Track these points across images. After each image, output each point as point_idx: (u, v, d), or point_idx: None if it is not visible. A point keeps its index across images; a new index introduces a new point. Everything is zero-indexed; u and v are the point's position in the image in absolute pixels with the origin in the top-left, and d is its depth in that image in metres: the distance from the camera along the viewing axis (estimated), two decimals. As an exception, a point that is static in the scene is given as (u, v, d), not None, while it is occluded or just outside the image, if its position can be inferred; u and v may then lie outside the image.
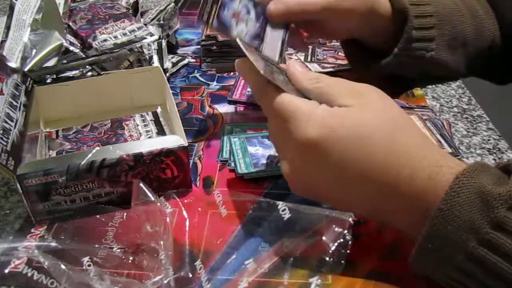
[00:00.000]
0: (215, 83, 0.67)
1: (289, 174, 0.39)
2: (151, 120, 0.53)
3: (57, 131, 0.52)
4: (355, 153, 0.35)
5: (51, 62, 0.60)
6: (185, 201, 0.45)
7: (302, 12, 0.50)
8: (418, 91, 0.64)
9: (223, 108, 0.61)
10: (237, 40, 0.42)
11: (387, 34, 0.55)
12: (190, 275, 0.38)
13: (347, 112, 0.36)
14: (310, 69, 0.70)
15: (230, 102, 0.62)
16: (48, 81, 0.56)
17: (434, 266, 0.34)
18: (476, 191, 0.32)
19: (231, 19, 0.46)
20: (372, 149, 0.35)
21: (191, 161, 0.51)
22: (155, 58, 0.64)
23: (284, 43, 0.52)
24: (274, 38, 0.52)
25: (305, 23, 0.55)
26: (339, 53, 0.72)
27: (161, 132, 0.51)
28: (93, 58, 0.59)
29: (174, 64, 0.69)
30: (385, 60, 0.56)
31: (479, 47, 0.58)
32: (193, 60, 0.72)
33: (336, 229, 0.42)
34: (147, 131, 0.51)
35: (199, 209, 0.45)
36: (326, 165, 0.36)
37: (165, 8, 0.76)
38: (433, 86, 0.66)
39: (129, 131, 0.51)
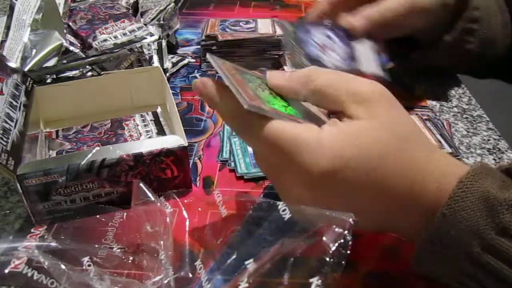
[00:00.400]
0: (215, 83, 0.67)
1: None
2: (151, 120, 0.53)
3: (57, 131, 0.52)
4: (370, 179, 0.33)
5: (51, 62, 0.60)
6: (185, 201, 0.45)
7: (385, 21, 0.49)
8: (418, 91, 0.64)
9: (223, 108, 0.61)
10: (208, 57, 0.37)
11: (438, 26, 0.55)
12: (190, 275, 0.38)
13: (356, 131, 0.33)
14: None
15: (230, 102, 0.62)
16: (48, 81, 0.56)
17: (436, 269, 0.34)
18: (480, 196, 0.31)
19: (317, 52, 0.44)
20: (385, 172, 0.33)
21: (191, 161, 0.51)
22: (155, 58, 0.64)
23: (379, 52, 0.52)
24: (366, 52, 0.51)
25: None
26: (339, 53, 0.72)
27: (161, 132, 0.51)
28: (93, 58, 0.59)
29: (174, 64, 0.69)
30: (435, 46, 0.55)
31: (505, 43, 0.57)
32: (193, 60, 0.72)
33: (336, 229, 0.42)
34: (147, 131, 0.51)
35: (199, 209, 0.45)
36: (339, 192, 0.34)
37: (165, 8, 0.76)
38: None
39: (129, 131, 0.51)
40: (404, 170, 0.33)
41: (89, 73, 0.58)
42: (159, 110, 0.55)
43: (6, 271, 0.38)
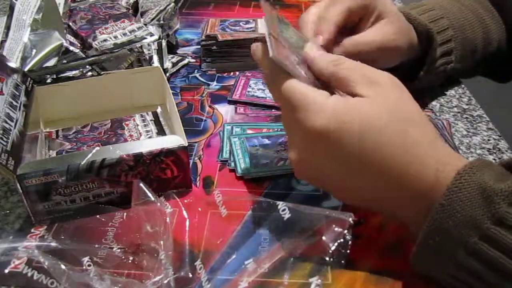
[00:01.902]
0: (215, 83, 0.67)
1: (296, 162, 0.39)
2: (151, 120, 0.53)
3: (57, 131, 0.52)
4: (364, 146, 0.35)
5: (51, 62, 0.60)
6: (185, 201, 0.45)
7: (358, 53, 0.49)
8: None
9: (223, 108, 0.61)
10: (262, 2, 0.43)
11: (413, 56, 0.56)
12: (190, 275, 0.38)
13: (360, 104, 0.36)
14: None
15: (230, 102, 0.62)
16: (48, 81, 0.56)
17: (435, 262, 0.34)
18: (478, 187, 0.32)
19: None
20: (383, 144, 0.35)
21: (191, 161, 0.51)
22: (155, 58, 0.64)
23: None
24: None
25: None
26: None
27: (161, 132, 0.51)
28: (93, 58, 0.59)
29: (174, 64, 0.69)
30: (413, 83, 0.56)
31: (487, 53, 0.59)
32: (193, 60, 0.72)
33: (336, 229, 0.42)
34: (147, 131, 0.51)
35: (199, 209, 0.45)
36: (334, 156, 0.36)
37: (165, 8, 0.76)
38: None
39: (129, 131, 0.51)
40: (402, 149, 0.35)
41: (89, 73, 0.58)
42: (159, 110, 0.55)
43: (6, 271, 0.38)
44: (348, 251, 0.40)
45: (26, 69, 0.57)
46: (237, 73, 0.69)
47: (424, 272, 0.36)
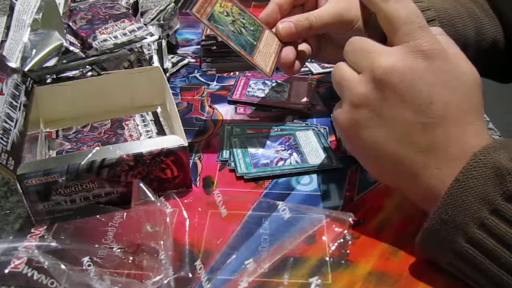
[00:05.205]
0: (215, 83, 0.67)
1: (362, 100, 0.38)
2: (151, 120, 0.53)
3: (57, 131, 0.52)
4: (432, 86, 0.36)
5: (51, 62, 0.60)
6: (185, 201, 0.45)
7: (311, 27, 0.50)
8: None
9: (223, 108, 0.61)
10: None
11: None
12: (190, 275, 0.38)
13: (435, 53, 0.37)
14: (310, 70, 0.70)
15: (230, 102, 0.62)
16: (48, 81, 0.56)
17: (445, 239, 0.35)
18: (492, 167, 0.33)
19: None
20: (440, 92, 0.36)
21: (191, 161, 0.51)
22: (155, 58, 0.64)
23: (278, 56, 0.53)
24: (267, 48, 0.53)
25: (315, 39, 0.55)
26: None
27: (161, 132, 0.51)
28: (93, 58, 0.59)
29: (174, 64, 0.69)
30: None
31: (480, 49, 0.58)
32: (193, 60, 0.72)
33: (336, 229, 0.42)
34: (147, 131, 0.51)
35: (199, 209, 0.45)
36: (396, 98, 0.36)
37: (165, 8, 0.76)
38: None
39: (129, 131, 0.51)
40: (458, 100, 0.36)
41: (89, 73, 0.58)
42: (159, 110, 0.55)
43: (6, 271, 0.38)
44: (348, 251, 0.40)
45: (26, 69, 0.57)
46: (237, 73, 0.69)
47: (430, 252, 0.37)
